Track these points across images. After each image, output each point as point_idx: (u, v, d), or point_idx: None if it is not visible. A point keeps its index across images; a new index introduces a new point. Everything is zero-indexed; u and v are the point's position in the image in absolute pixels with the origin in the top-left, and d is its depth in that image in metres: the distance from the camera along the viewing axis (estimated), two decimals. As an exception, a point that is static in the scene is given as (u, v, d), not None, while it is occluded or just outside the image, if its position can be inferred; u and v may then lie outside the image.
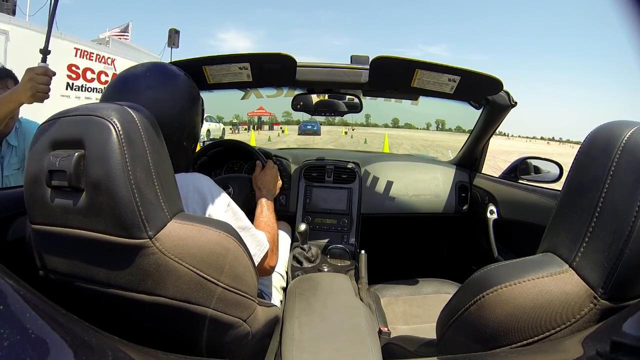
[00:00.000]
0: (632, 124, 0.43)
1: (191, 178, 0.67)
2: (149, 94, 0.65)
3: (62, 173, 0.44)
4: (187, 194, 0.62)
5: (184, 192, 0.60)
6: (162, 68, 0.71)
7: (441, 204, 1.50)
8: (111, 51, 6.74)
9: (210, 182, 0.68)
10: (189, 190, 0.63)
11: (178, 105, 0.68)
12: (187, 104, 0.71)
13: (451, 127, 41.32)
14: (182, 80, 0.71)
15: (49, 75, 0.99)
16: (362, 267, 1.22)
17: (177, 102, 0.68)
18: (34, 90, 0.97)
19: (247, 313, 0.58)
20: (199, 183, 0.66)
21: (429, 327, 1.03)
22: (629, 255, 0.38)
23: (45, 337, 0.30)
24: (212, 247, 0.50)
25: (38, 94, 0.98)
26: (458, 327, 0.51)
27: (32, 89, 0.97)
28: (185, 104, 0.70)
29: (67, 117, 0.48)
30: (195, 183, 0.65)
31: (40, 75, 0.97)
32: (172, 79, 0.70)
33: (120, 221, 0.43)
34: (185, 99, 0.70)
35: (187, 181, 0.65)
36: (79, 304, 0.44)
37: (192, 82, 0.74)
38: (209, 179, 0.69)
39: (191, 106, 0.72)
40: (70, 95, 5.87)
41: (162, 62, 0.73)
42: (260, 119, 25.95)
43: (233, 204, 0.70)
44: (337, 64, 1.15)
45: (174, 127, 0.67)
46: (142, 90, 0.65)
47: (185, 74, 0.73)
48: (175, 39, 7.49)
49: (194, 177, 0.68)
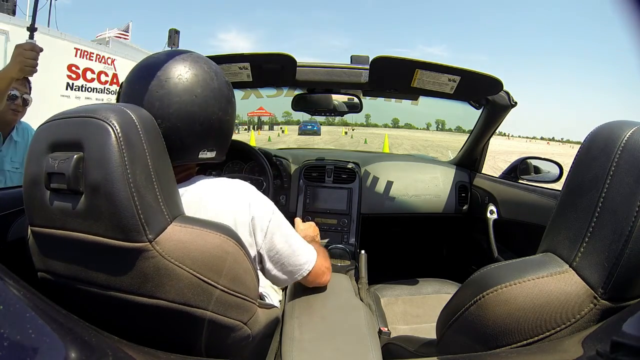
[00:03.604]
0: (632, 124, 0.43)
1: (237, 189, 0.63)
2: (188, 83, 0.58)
3: (60, 176, 0.44)
4: (239, 210, 0.60)
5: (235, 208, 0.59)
6: (194, 55, 0.63)
7: (441, 204, 1.50)
8: (111, 51, 6.74)
9: (254, 191, 0.65)
10: (236, 202, 0.61)
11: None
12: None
13: (451, 127, 41.37)
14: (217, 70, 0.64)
15: (36, 50, 1.04)
16: (362, 267, 1.22)
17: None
18: (22, 65, 1.03)
19: (248, 316, 0.58)
20: (248, 196, 0.63)
21: (429, 327, 1.03)
22: (629, 255, 0.38)
23: (45, 337, 0.30)
24: (212, 250, 0.50)
25: (26, 68, 1.04)
26: (458, 327, 0.51)
27: (21, 63, 1.03)
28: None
29: (66, 119, 0.48)
30: (244, 197, 0.62)
31: (28, 50, 1.03)
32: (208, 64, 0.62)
33: (119, 225, 0.43)
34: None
35: (237, 195, 0.62)
36: (78, 306, 0.44)
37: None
38: (250, 185, 0.66)
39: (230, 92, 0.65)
40: (70, 95, 5.86)
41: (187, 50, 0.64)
42: (260, 119, 25.95)
43: (278, 212, 0.67)
44: (337, 64, 1.15)
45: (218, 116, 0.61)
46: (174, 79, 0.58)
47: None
48: (175, 39, 7.50)
49: (241, 189, 0.63)
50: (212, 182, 0.63)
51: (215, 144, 0.62)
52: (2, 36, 4.70)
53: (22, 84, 1.36)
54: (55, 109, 0.55)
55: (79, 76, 6.04)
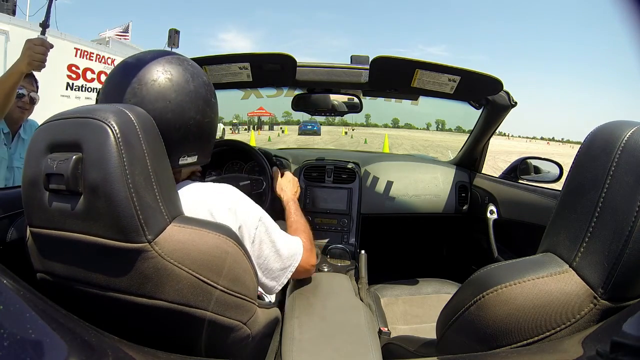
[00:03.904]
0: (632, 124, 0.43)
1: (221, 195, 0.62)
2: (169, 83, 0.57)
3: (59, 176, 0.43)
4: (218, 213, 0.59)
5: (216, 211, 0.58)
6: (176, 56, 0.63)
7: (441, 204, 1.50)
8: (111, 51, 6.73)
9: (240, 197, 0.64)
10: (220, 210, 0.59)
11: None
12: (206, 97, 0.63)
13: (451, 128, 41.33)
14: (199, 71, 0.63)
15: (45, 46, 1.04)
16: (362, 267, 1.22)
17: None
18: (31, 59, 1.03)
19: (247, 316, 0.58)
20: (232, 203, 0.62)
21: (429, 327, 1.03)
22: (629, 255, 0.38)
23: (45, 337, 0.30)
24: (212, 251, 0.50)
25: (35, 63, 1.04)
26: (458, 327, 0.51)
27: (29, 58, 1.03)
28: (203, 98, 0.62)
29: (65, 120, 0.47)
30: (228, 204, 0.61)
31: (38, 45, 1.03)
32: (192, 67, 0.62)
33: (118, 225, 0.43)
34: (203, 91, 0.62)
35: (216, 198, 0.61)
36: (78, 307, 0.44)
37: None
38: (236, 190, 0.65)
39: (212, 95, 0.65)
40: (71, 95, 5.86)
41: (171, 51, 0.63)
42: (260, 119, 25.93)
43: (265, 217, 0.67)
44: (337, 63, 1.15)
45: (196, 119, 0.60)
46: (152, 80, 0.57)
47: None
48: (175, 39, 7.48)
49: (223, 193, 0.63)
50: (197, 189, 0.61)
51: (196, 149, 0.60)
52: (2, 36, 4.69)
53: (29, 82, 1.36)
54: (55, 109, 0.54)
55: (79, 76, 6.04)
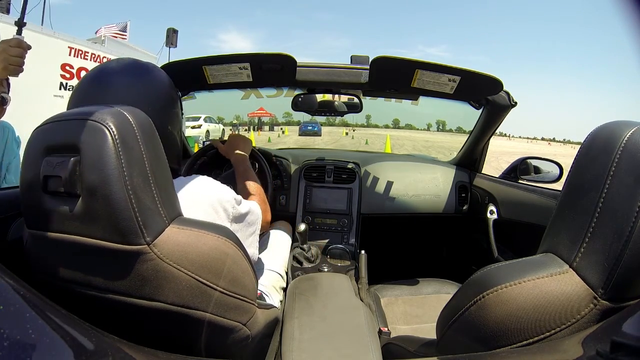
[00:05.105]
0: (632, 124, 0.43)
1: (202, 188, 0.65)
2: (126, 91, 0.61)
3: (57, 179, 0.43)
4: (200, 206, 0.61)
5: (196, 203, 0.59)
6: (138, 64, 0.67)
7: (441, 204, 1.50)
8: (107, 50, 6.61)
9: (215, 186, 0.67)
10: (203, 203, 0.62)
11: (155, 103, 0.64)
12: (167, 102, 0.67)
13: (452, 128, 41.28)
14: (161, 76, 0.68)
15: (23, 47, 0.91)
16: (362, 267, 1.22)
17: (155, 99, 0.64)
18: (6, 63, 0.90)
19: (247, 317, 0.58)
20: (213, 196, 0.65)
21: (429, 327, 1.03)
22: (629, 255, 0.38)
23: (45, 337, 0.30)
24: (211, 252, 0.50)
25: (10, 67, 0.90)
26: (458, 327, 0.51)
27: (4, 62, 0.89)
28: (164, 102, 0.66)
29: (61, 122, 0.47)
30: (211, 198, 0.64)
31: (14, 47, 0.90)
32: (150, 74, 0.66)
33: (117, 227, 0.43)
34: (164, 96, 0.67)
35: (200, 192, 0.64)
36: (77, 308, 0.44)
37: (170, 80, 0.70)
38: (210, 180, 0.68)
39: (171, 104, 0.68)
40: (64, 95, 5.76)
41: (136, 59, 0.67)
42: (260, 120, 25.92)
43: (235, 202, 0.69)
44: (337, 64, 1.15)
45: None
46: (119, 88, 0.61)
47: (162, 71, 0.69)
48: (173, 38, 7.43)
49: (202, 186, 0.65)
50: (176, 184, 0.62)
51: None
52: (-7, 35, 4.66)
53: (0, 83, 1.27)
54: (48, 108, 0.54)
55: (73, 76, 5.95)
